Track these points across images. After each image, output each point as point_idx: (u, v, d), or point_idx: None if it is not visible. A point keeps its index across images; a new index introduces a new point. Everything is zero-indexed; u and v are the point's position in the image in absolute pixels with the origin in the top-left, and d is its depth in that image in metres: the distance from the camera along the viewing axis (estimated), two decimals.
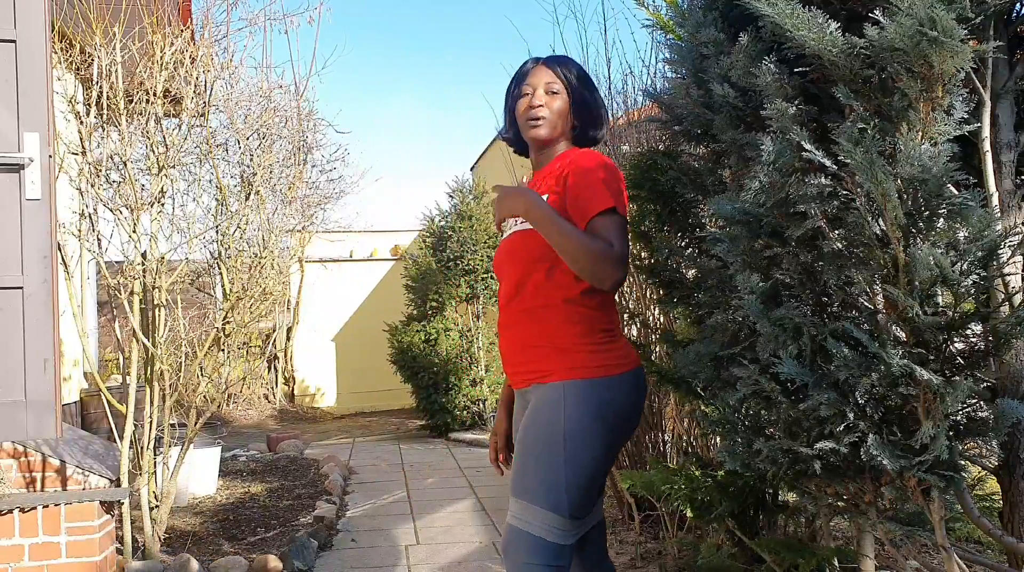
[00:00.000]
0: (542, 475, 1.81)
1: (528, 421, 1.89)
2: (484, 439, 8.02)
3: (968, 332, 1.89)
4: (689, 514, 2.94)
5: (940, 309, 1.84)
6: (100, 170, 3.84)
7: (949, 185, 1.77)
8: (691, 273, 2.75)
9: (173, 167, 3.99)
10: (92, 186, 3.78)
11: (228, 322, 4.38)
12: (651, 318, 4.22)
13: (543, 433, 1.83)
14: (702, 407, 2.79)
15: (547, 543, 1.79)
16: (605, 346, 1.90)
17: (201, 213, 4.72)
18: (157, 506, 4.03)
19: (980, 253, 1.76)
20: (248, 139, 4.82)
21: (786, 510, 3.03)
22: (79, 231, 3.83)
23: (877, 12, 1.82)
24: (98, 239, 4.00)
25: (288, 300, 11.67)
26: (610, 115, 4.97)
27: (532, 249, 1.91)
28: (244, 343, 11.11)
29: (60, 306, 2.63)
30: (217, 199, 4.77)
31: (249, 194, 4.66)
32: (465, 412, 8.67)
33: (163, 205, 3.99)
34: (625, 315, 4.30)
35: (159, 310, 3.99)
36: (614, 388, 1.87)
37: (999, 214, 2.02)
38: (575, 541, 1.85)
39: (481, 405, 8.68)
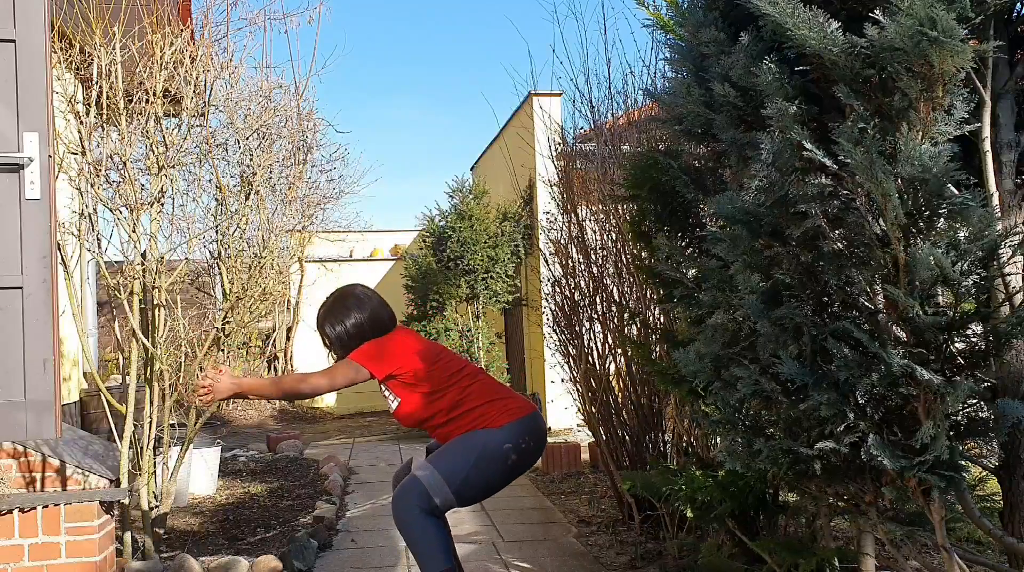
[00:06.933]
0: (455, 460, 2.69)
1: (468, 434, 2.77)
2: None
3: (968, 332, 1.89)
4: (689, 514, 2.94)
5: (940, 309, 1.84)
6: (100, 170, 3.84)
7: (949, 185, 1.77)
8: (691, 273, 2.75)
9: (173, 167, 3.99)
10: (92, 186, 3.78)
11: (228, 322, 4.38)
12: (651, 318, 4.22)
13: (472, 442, 2.71)
14: (702, 407, 2.79)
15: (430, 497, 2.63)
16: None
17: (201, 213, 4.71)
18: (157, 506, 4.03)
19: (980, 253, 1.76)
20: (248, 139, 4.81)
21: (786, 510, 3.03)
22: (79, 231, 3.82)
23: (877, 12, 1.82)
24: (98, 239, 3.99)
25: (288, 300, 11.66)
26: (610, 115, 4.97)
27: (412, 412, 2.82)
28: (244, 343, 11.11)
29: (60, 306, 2.63)
30: (217, 199, 4.76)
31: (249, 194, 4.65)
32: None
33: (163, 205, 3.99)
34: (625, 315, 4.30)
35: (159, 310, 3.98)
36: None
37: (999, 214, 2.02)
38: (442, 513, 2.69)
39: None
